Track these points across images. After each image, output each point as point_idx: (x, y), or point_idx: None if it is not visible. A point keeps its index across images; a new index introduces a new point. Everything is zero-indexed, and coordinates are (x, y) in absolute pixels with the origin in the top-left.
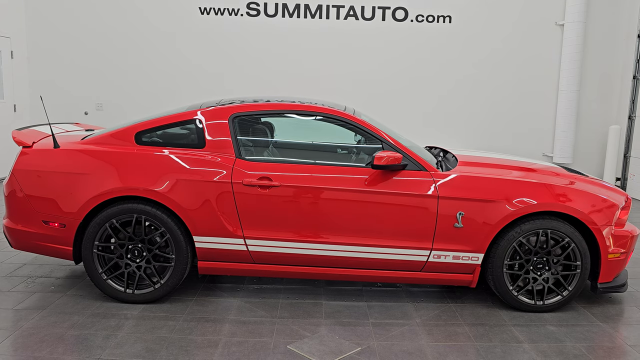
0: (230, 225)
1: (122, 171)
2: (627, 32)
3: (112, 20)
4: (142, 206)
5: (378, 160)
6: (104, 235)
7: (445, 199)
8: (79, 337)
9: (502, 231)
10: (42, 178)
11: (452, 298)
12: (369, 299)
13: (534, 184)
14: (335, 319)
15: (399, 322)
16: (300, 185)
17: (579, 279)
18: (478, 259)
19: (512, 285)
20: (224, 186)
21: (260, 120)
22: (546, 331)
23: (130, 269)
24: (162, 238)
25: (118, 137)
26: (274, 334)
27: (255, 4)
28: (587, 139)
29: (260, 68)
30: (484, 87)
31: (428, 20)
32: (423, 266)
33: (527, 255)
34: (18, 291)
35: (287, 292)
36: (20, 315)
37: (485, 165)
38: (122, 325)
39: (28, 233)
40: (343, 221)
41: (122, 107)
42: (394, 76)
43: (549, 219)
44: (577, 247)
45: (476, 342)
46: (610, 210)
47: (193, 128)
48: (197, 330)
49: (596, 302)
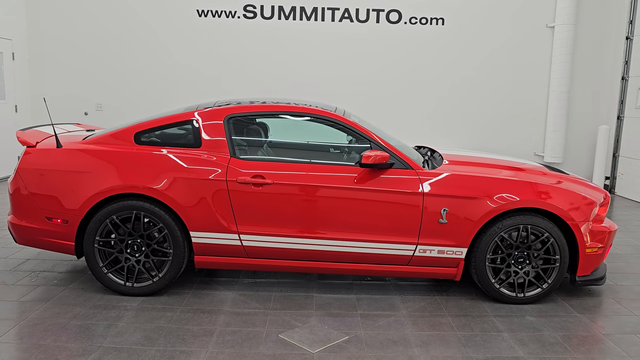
0: (225, 221)
1: (121, 170)
2: (616, 34)
3: (111, 23)
4: (141, 203)
5: (366, 159)
6: (104, 231)
7: (430, 195)
8: (81, 326)
9: (485, 227)
10: (45, 176)
11: (438, 291)
12: (359, 292)
13: (516, 182)
14: (325, 310)
15: (386, 313)
16: (291, 183)
17: (558, 272)
18: (462, 253)
19: (495, 279)
20: (219, 184)
21: (255, 120)
22: (525, 321)
23: (130, 263)
24: (160, 233)
25: (118, 137)
26: (266, 324)
27: (252, 7)
28: (577, 139)
29: (257, 70)
30: (476, 89)
31: (421, 23)
32: (409, 260)
33: (509, 249)
34: (23, 284)
35: (280, 285)
36: (25, 307)
37: (470, 164)
38: (122, 316)
39: (32, 229)
40: (333, 217)
41: (121, 108)
42: (389, 78)
43: (529, 215)
44: (556, 242)
45: (458, 331)
46: (588, 207)
47: (190, 128)
48: (194, 321)
49: (575, 295)
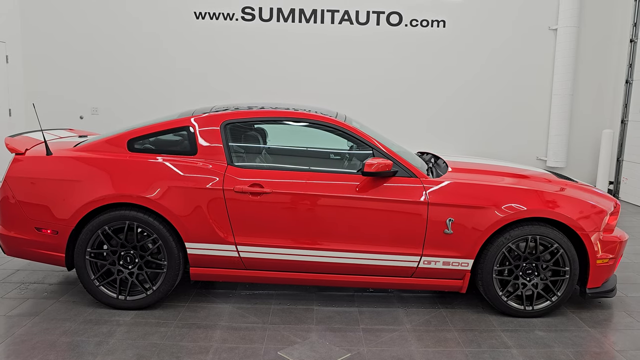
0: (221, 231)
1: (114, 178)
2: (620, 36)
3: (107, 26)
4: (134, 213)
5: (368, 167)
6: (96, 242)
7: (435, 205)
8: (70, 343)
9: (492, 237)
10: (34, 185)
11: (443, 303)
12: (361, 304)
13: (524, 190)
14: (326, 325)
15: (390, 327)
16: (291, 192)
17: (567, 284)
18: (468, 265)
19: (502, 291)
20: (215, 193)
21: (253, 126)
22: (535, 336)
23: (123, 275)
24: (154, 244)
25: (110, 144)
26: (264, 340)
27: (250, 9)
28: (580, 143)
29: (255, 73)
30: (478, 92)
31: (422, 25)
32: (413, 272)
33: (517, 261)
34: (11, 297)
35: (279, 297)
36: (13, 321)
37: (475, 172)
38: (114, 331)
39: (21, 240)
40: (334, 227)
41: (117, 112)
42: (389, 81)
43: (537, 225)
44: (566, 253)
45: (465, 347)
46: (598, 216)
47: (185, 135)
48: (189, 337)
49: (585, 307)
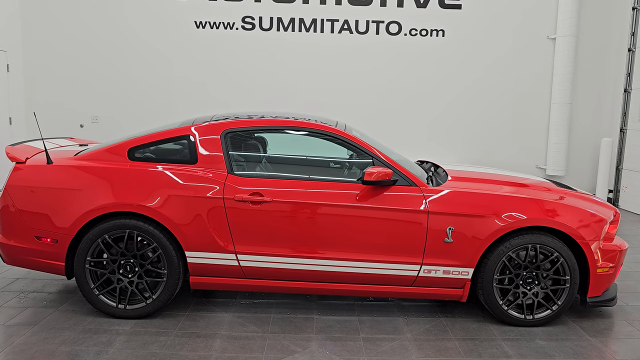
0: (222, 240)
1: (114, 187)
2: (619, 45)
3: (108, 35)
4: (134, 222)
5: (368, 176)
6: (96, 250)
7: (435, 214)
8: (70, 353)
9: (492, 246)
10: (35, 194)
11: (443, 312)
12: (361, 313)
13: (524, 199)
14: (327, 334)
15: (390, 336)
16: (291, 200)
17: (568, 293)
18: (468, 274)
19: (502, 300)
20: (215, 202)
21: (253, 135)
22: (536, 345)
23: (123, 284)
24: (154, 253)
25: (111, 152)
26: (264, 350)
27: (251, 18)
28: (579, 152)
29: (255, 82)
30: (477, 101)
31: (421, 34)
32: (414, 281)
33: (517, 269)
34: (10, 306)
35: (279, 306)
36: (12, 331)
37: (475, 181)
38: (113, 340)
39: (20, 248)
40: (334, 236)
41: (118, 120)
42: (389, 90)
43: (537, 233)
44: (566, 262)
45: (466, 356)
46: (598, 225)
47: (186, 144)
48: (189, 346)
49: (586, 316)
